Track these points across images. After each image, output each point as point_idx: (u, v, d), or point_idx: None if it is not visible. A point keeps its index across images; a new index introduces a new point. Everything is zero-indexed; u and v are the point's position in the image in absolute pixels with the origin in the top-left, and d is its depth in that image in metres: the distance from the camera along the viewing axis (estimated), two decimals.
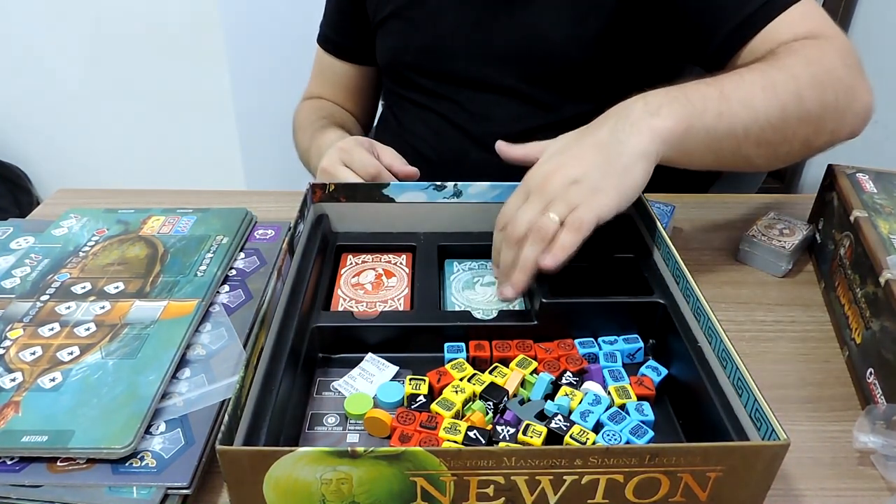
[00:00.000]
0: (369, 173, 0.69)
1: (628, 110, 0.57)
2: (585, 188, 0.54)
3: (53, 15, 1.73)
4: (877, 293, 0.57)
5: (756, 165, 0.67)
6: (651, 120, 0.56)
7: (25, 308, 0.60)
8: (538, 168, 0.58)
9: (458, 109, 0.87)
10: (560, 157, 0.57)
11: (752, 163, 0.65)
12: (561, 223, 0.54)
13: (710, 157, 0.61)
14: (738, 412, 0.45)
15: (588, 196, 0.54)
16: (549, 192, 0.55)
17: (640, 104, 0.57)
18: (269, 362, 0.48)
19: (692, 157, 0.60)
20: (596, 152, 0.55)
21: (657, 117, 0.56)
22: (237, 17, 1.71)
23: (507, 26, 0.80)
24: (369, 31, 0.91)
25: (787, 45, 0.66)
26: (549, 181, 0.55)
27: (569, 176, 0.54)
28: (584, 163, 0.55)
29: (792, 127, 0.62)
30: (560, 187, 0.54)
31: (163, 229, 0.72)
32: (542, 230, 0.54)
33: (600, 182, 0.54)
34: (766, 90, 0.60)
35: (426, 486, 0.39)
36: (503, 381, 0.52)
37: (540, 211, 0.55)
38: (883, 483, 0.50)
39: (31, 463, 0.46)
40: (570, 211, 0.54)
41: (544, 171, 0.56)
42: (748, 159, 0.64)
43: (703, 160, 0.61)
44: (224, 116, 1.85)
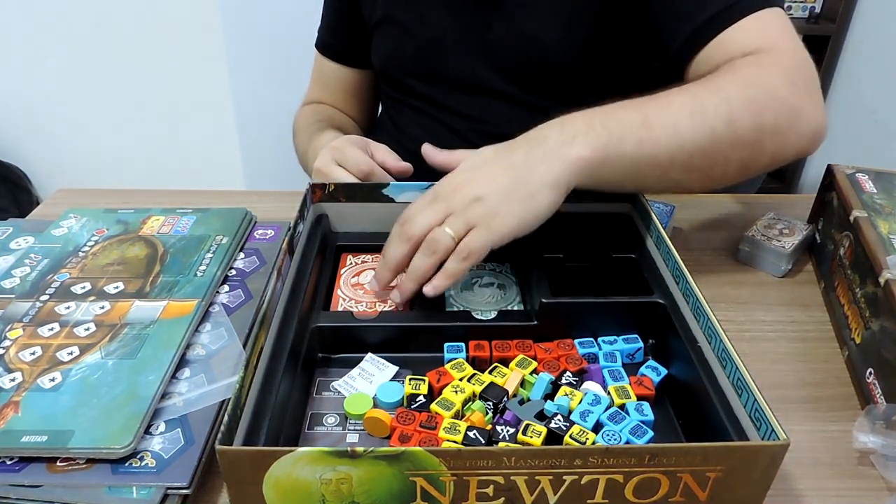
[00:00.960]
0: (362, 171, 0.69)
1: (544, 136, 0.57)
2: (486, 208, 0.54)
3: (54, 15, 1.73)
4: (876, 293, 0.57)
5: (687, 188, 0.66)
6: (564, 149, 0.56)
7: (25, 308, 0.60)
8: (451, 177, 0.58)
9: (452, 112, 0.87)
10: (473, 171, 0.57)
11: (684, 187, 0.64)
12: (455, 240, 0.54)
13: (631, 183, 0.62)
14: (737, 412, 0.45)
15: (486, 218, 0.54)
16: (453, 203, 0.55)
17: (556, 131, 0.57)
18: (269, 362, 0.48)
19: (610, 184, 0.59)
20: (505, 175, 0.56)
21: (571, 147, 0.56)
22: (237, 17, 1.71)
23: (498, 30, 0.80)
24: (366, 34, 0.91)
25: (729, 64, 0.64)
26: (456, 191, 0.56)
27: (474, 192, 0.55)
28: (492, 183, 0.55)
29: (723, 151, 0.60)
30: (463, 201, 0.55)
31: (162, 229, 0.72)
32: (436, 243, 0.55)
33: (501, 205, 0.54)
34: (695, 115, 0.59)
35: (426, 486, 0.39)
36: (503, 381, 0.52)
37: (439, 218, 0.55)
38: (883, 483, 0.50)
39: (31, 463, 0.46)
40: (466, 228, 0.54)
41: (454, 182, 0.57)
42: (678, 183, 0.63)
43: (624, 186, 0.62)
44: (224, 116, 1.85)
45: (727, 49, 0.66)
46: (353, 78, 0.98)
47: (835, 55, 1.83)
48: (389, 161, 0.71)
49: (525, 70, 0.81)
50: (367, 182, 0.69)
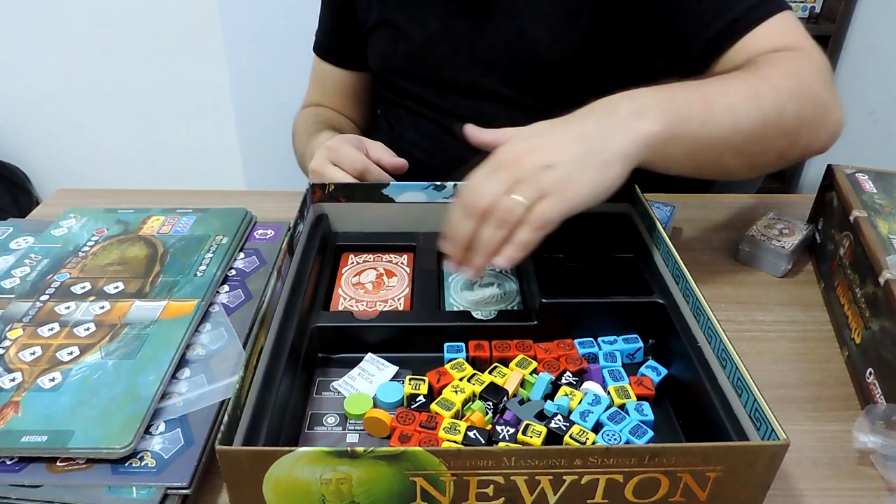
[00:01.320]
0: (357, 169, 0.69)
1: (614, 107, 0.55)
2: (559, 176, 0.51)
3: (54, 15, 1.73)
4: (876, 293, 0.57)
5: (732, 174, 0.66)
6: (637, 121, 0.54)
7: (25, 308, 0.60)
8: (513, 144, 0.54)
9: (448, 114, 0.87)
10: (539, 139, 0.54)
11: (730, 171, 0.65)
12: (527, 209, 0.51)
13: (691, 164, 0.60)
14: (737, 412, 0.45)
15: (559, 186, 0.50)
16: (521, 170, 0.51)
17: (627, 103, 0.55)
18: (269, 362, 0.48)
19: (672, 163, 0.58)
20: (577, 142, 0.52)
21: (644, 119, 0.54)
22: (237, 17, 1.71)
23: (492, 32, 0.80)
24: (362, 37, 0.91)
25: (765, 56, 0.65)
26: (522, 159, 0.52)
27: (544, 159, 0.51)
28: (564, 150, 0.52)
29: (771, 138, 0.61)
30: (533, 168, 0.51)
31: (162, 229, 0.72)
32: (507, 212, 0.51)
33: (576, 173, 0.51)
34: (749, 100, 0.59)
35: (426, 486, 0.39)
36: (503, 381, 0.52)
37: (507, 187, 0.51)
38: (882, 483, 0.50)
39: (31, 463, 0.46)
40: (538, 197, 0.51)
41: (519, 149, 0.53)
42: (726, 168, 0.63)
43: (683, 167, 0.60)
44: (224, 116, 1.85)
45: (750, 50, 0.67)
46: (351, 80, 0.98)
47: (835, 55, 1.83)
48: (384, 158, 0.71)
49: (520, 72, 0.82)
50: (365, 181, 0.69)
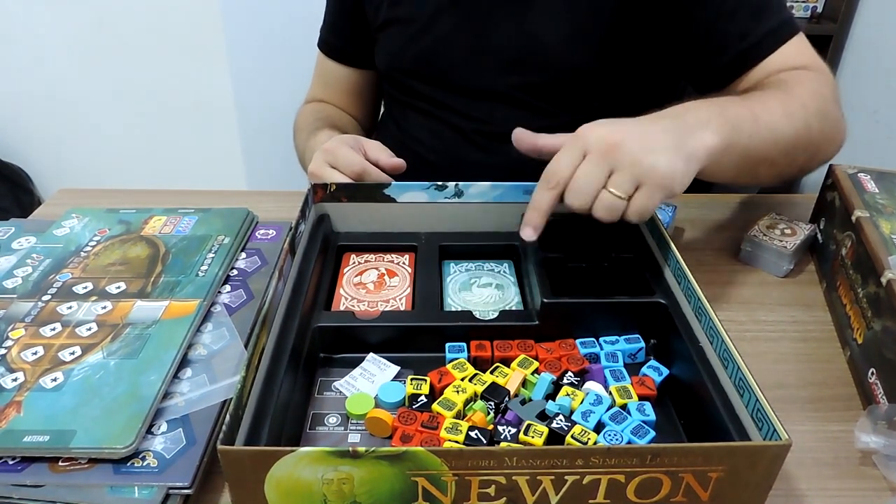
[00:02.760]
0: (354, 171, 0.69)
1: (683, 115, 0.57)
2: (656, 160, 0.52)
3: (55, 15, 1.73)
4: (878, 293, 0.57)
5: (760, 182, 0.70)
6: (702, 132, 0.56)
7: (27, 308, 0.60)
8: (596, 128, 0.54)
9: (457, 114, 0.87)
10: (624, 125, 0.54)
11: (759, 180, 0.69)
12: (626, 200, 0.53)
13: (733, 173, 0.63)
14: (739, 412, 0.45)
15: (656, 173, 0.52)
16: (617, 157, 0.52)
17: (692, 114, 0.57)
18: (271, 362, 0.48)
19: (722, 170, 0.61)
20: (664, 135, 0.54)
21: (706, 130, 0.56)
22: (238, 17, 1.71)
23: (505, 33, 0.80)
24: (369, 34, 0.91)
25: (790, 74, 0.69)
26: (617, 146, 0.52)
27: (638, 144, 0.52)
28: (656, 139, 0.53)
29: (798, 152, 0.66)
30: (628, 153, 0.52)
31: (164, 229, 0.72)
32: (608, 210, 0.53)
33: (671, 159, 0.52)
34: (785, 117, 0.64)
35: (427, 486, 0.39)
36: (504, 381, 0.52)
37: (604, 175, 0.52)
38: (884, 483, 0.50)
39: (33, 463, 0.46)
40: (634, 186, 0.52)
41: (606, 132, 0.53)
42: (758, 177, 0.68)
43: (727, 175, 0.63)
44: (225, 116, 1.85)
45: (768, 70, 0.71)
46: (355, 78, 0.98)
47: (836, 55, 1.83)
48: (382, 158, 0.71)
49: (531, 76, 0.81)
50: (365, 182, 0.69)
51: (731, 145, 0.58)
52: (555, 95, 0.82)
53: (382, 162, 0.71)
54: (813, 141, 0.67)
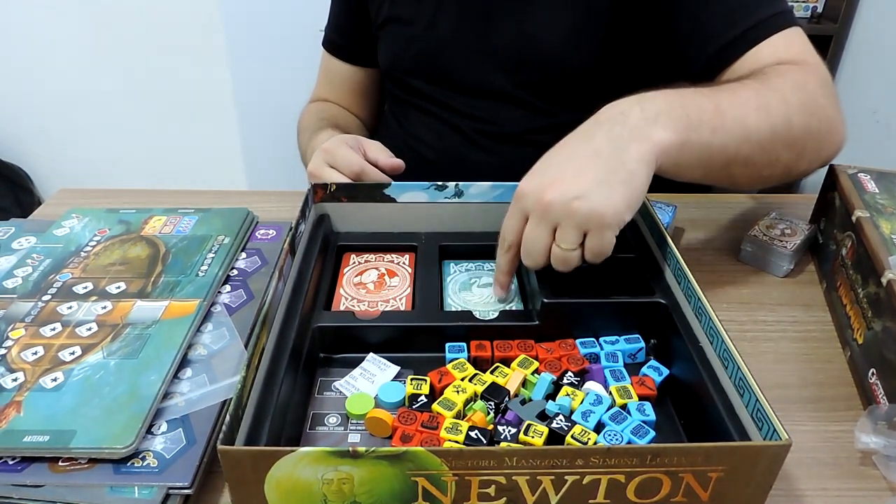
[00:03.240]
0: (353, 171, 0.69)
1: (625, 115, 0.54)
2: (590, 205, 0.50)
3: (55, 15, 1.73)
4: (878, 293, 0.57)
5: (738, 185, 0.66)
6: (649, 128, 0.53)
7: (27, 308, 0.60)
8: (530, 181, 0.54)
9: (458, 114, 0.87)
10: (554, 169, 0.53)
11: (736, 182, 0.64)
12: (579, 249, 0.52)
13: (700, 172, 0.59)
14: (739, 412, 0.45)
15: (595, 216, 0.50)
16: (552, 213, 0.51)
17: (637, 110, 0.54)
18: (271, 362, 0.48)
19: (683, 170, 0.57)
20: (594, 163, 0.52)
21: (656, 126, 0.54)
22: (238, 17, 1.71)
23: (505, 33, 0.80)
24: (372, 34, 0.91)
25: (774, 68, 0.65)
26: (550, 204, 0.51)
27: (568, 192, 0.51)
28: (584, 176, 0.51)
29: (778, 150, 0.61)
30: (563, 208, 0.51)
31: (164, 229, 0.72)
32: (566, 263, 0.53)
33: (604, 196, 0.51)
34: (759, 110, 0.59)
35: (427, 486, 0.39)
36: (504, 381, 0.52)
37: (548, 233, 0.52)
38: (885, 483, 0.50)
39: (33, 463, 0.46)
40: (580, 235, 0.52)
41: (537, 188, 0.53)
42: (733, 178, 0.63)
43: (693, 174, 0.59)
44: (225, 116, 1.85)
45: (756, 62, 0.67)
46: (359, 77, 0.98)
47: (836, 55, 1.83)
48: (381, 158, 0.71)
49: (531, 75, 0.81)
50: (364, 182, 0.69)
51: (687, 141, 0.54)
52: (555, 94, 0.82)
53: (381, 162, 0.71)
54: (796, 138, 0.61)
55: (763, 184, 0.66)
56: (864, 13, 1.77)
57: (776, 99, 0.60)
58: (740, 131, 0.58)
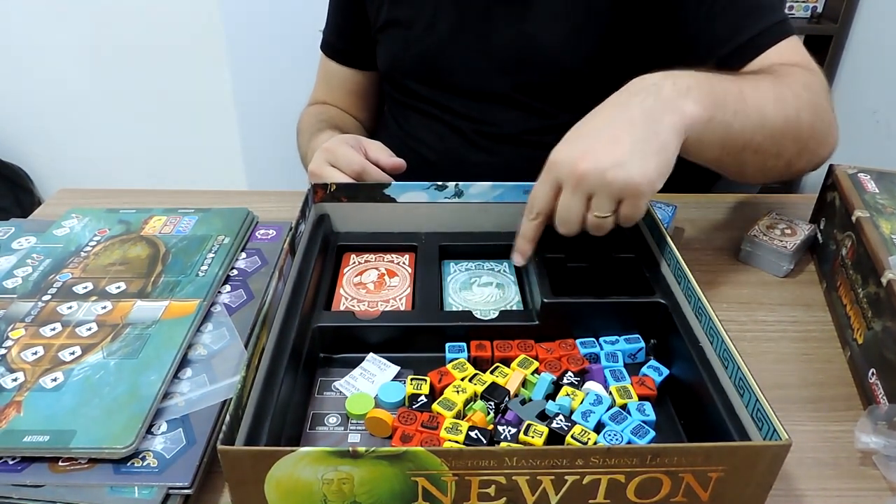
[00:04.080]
0: (354, 170, 0.69)
1: (658, 87, 0.55)
2: (625, 174, 0.51)
3: (55, 16, 1.73)
4: (878, 293, 0.57)
5: (745, 174, 0.67)
6: (681, 101, 0.54)
7: (27, 308, 0.60)
8: (563, 150, 0.54)
9: (457, 115, 0.87)
10: (588, 139, 0.54)
11: (744, 169, 0.65)
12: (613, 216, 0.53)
13: (718, 152, 0.61)
14: (739, 412, 0.45)
15: (630, 184, 0.51)
16: (587, 183, 0.52)
17: (669, 82, 0.56)
18: (271, 362, 0.48)
19: (704, 147, 0.58)
20: (629, 132, 0.52)
21: (688, 99, 0.55)
22: (239, 18, 1.71)
23: (504, 35, 0.80)
24: (371, 35, 0.91)
25: (784, 66, 0.67)
26: (581, 170, 0.52)
27: (603, 162, 0.51)
28: (619, 145, 0.52)
29: (786, 142, 0.63)
30: (597, 177, 0.52)
31: (164, 229, 0.72)
32: (600, 229, 0.54)
33: (639, 165, 0.51)
34: (776, 101, 0.61)
35: (427, 486, 0.39)
36: (504, 381, 0.52)
37: (583, 202, 0.53)
38: (885, 483, 0.50)
39: (33, 463, 0.46)
40: (615, 203, 0.52)
41: (572, 157, 0.53)
42: (742, 165, 0.64)
43: (711, 153, 0.60)
44: (225, 117, 1.85)
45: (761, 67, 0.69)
46: (358, 79, 0.98)
47: (836, 55, 1.83)
48: (382, 158, 0.71)
49: (530, 76, 0.81)
50: (365, 181, 0.69)
51: (713, 119, 0.56)
52: (554, 96, 0.82)
53: (383, 162, 0.71)
54: (803, 133, 0.64)
55: (765, 177, 0.68)
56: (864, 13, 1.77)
57: (790, 93, 0.62)
58: (758, 118, 0.60)
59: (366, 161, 0.70)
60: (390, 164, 0.71)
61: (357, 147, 0.71)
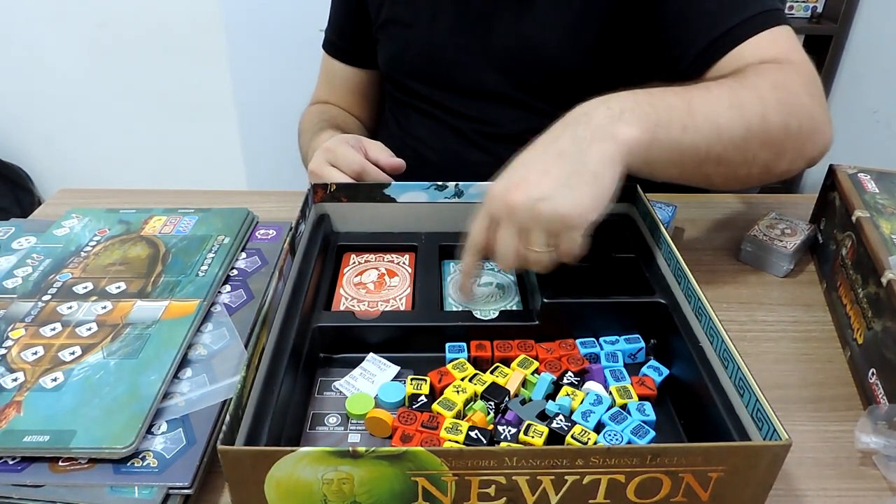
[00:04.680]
0: (354, 170, 0.69)
1: (589, 116, 0.54)
2: (554, 206, 0.50)
3: (55, 15, 1.73)
4: (878, 293, 0.57)
5: (715, 184, 0.65)
6: (613, 126, 0.53)
7: (27, 308, 0.60)
8: (497, 184, 0.53)
9: (457, 115, 0.87)
10: (520, 171, 0.53)
11: (712, 181, 0.63)
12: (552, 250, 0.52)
13: (673, 170, 0.59)
14: (739, 412, 0.45)
15: (561, 218, 0.50)
16: (517, 217, 0.51)
17: (603, 109, 0.54)
18: (271, 362, 0.48)
19: (655, 168, 0.57)
20: (558, 164, 0.51)
21: (620, 123, 0.53)
22: (239, 17, 1.71)
23: (503, 35, 0.80)
24: (372, 35, 0.92)
25: (754, 66, 0.64)
26: (511, 204, 0.51)
27: (532, 194, 0.50)
28: (547, 177, 0.51)
29: (753, 149, 0.60)
30: (528, 212, 0.50)
31: (164, 229, 0.72)
32: (540, 263, 0.53)
33: (568, 197, 0.50)
34: (732, 108, 0.58)
35: (427, 486, 0.39)
36: (504, 381, 0.52)
37: (517, 238, 0.52)
38: (885, 483, 0.50)
39: (33, 463, 0.46)
40: (550, 237, 0.51)
41: (503, 190, 0.52)
42: (708, 177, 0.62)
43: (667, 173, 0.59)
44: (225, 116, 1.85)
45: (741, 61, 0.66)
46: (360, 78, 0.98)
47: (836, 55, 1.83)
48: (382, 158, 0.71)
49: (529, 75, 0.81)
50: (364, 181, 0.69)
51: (655, 138, 0.54)
52: (553, 95, 0.82)
53: (382, 161, 0.71)
54: (773, 137, 0.60)
55: (742, 184, 0.65)
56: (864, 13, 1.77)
57: (751, 97, 0.60)
58: (711, 129, 0.57)
59: (366, 161, 0.70)
60: (390, 164, 0.71)
61: (357, 147, 0.71)
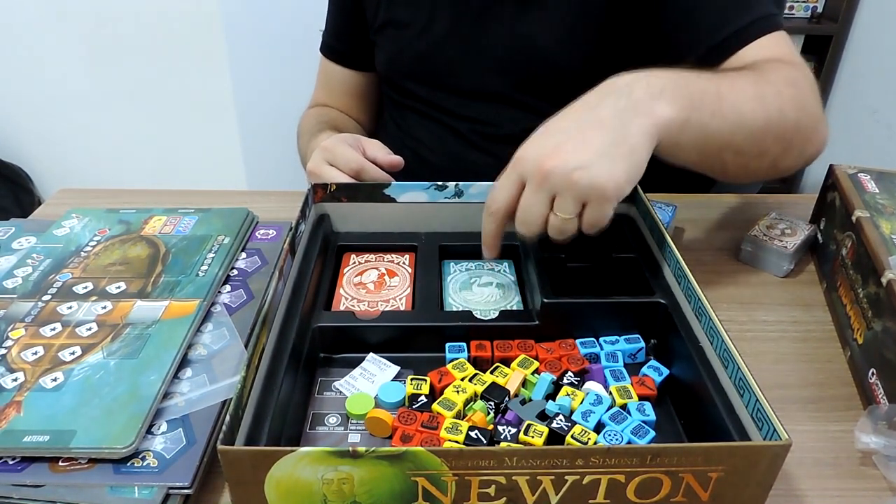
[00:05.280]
0: (352, 169, 0.69)
1: (630, 88, 0.54)
2: (591, 176, 0.49)
3: (55, 15, 1.73)
4: (878, 293, 0.57)
5: (727, 174, 0.65)
6: (653, 103, 0.53)
7: (27, 308, 0.60)
8: (530, 147, 0.53)
9: (455, 115, 0.87)
10: (556, 135, 0.52)
11: (726, 170, 0.64)
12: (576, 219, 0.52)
13: (696, 155, 0.59)
14: (739, 412, 0.45)
15: (596, 187, 0.50)
16: (552, 182, 0.50)
17: (643, 84, 0.54)
18: (271, 362, 0.48)
19: (681, 150, 0.57)
20: (599, 133, 0.51)
21: (661, 100, 0.53)
22: (239, 18, 1.71)
23: (501, 36, 0.80)
24: (369, 37, 0.92)
25: (768, 62, 0.65)
26: (547, 168, 0.50)
27: (570, 162, 0.50)
28: (587, 146, 0.50)
29: (768, 142, 0.61)
30: (562, 175, 0.50)
31: (164, 229, 0.72)
32: (561, 232, 0.53)
33: (606, 168, 0.50)
34: (755, 100, 0.59)
35: (427, 486, 0.39)
36: (504, 381, 0.52)
37: (546, 202, 0.52)
38: (885, 483, 0.50)
39: (33, 463, 0.46)
40: (579, 205, 0.51)
41: (539, 155, 0.52)
42: (724, 166, 0.63)
43: (689, 156, 0.59)
44: (225, 116, 1.85)
45: (744, 63, 0.67)
46: (358, 81, 0.98)
47: (836, 55, 1.83)
48: (381, 156, 0.71)
49: (528, 76, 0.81)
50: (362, 180, 0.69)
51: (688, 120, 0.54)
52: (551, 96, 0.82)
53: (381, 159, 0.71)
54: (787, 131, 0.62)
55: (750, 177, 0.66)
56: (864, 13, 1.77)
57: (771, 91, 0.61)
58: (736, 118, 0.58)
59: (364, 159, 0.70)
60: (388, 161, 0.71)
61: (355, 146, 0.71)
